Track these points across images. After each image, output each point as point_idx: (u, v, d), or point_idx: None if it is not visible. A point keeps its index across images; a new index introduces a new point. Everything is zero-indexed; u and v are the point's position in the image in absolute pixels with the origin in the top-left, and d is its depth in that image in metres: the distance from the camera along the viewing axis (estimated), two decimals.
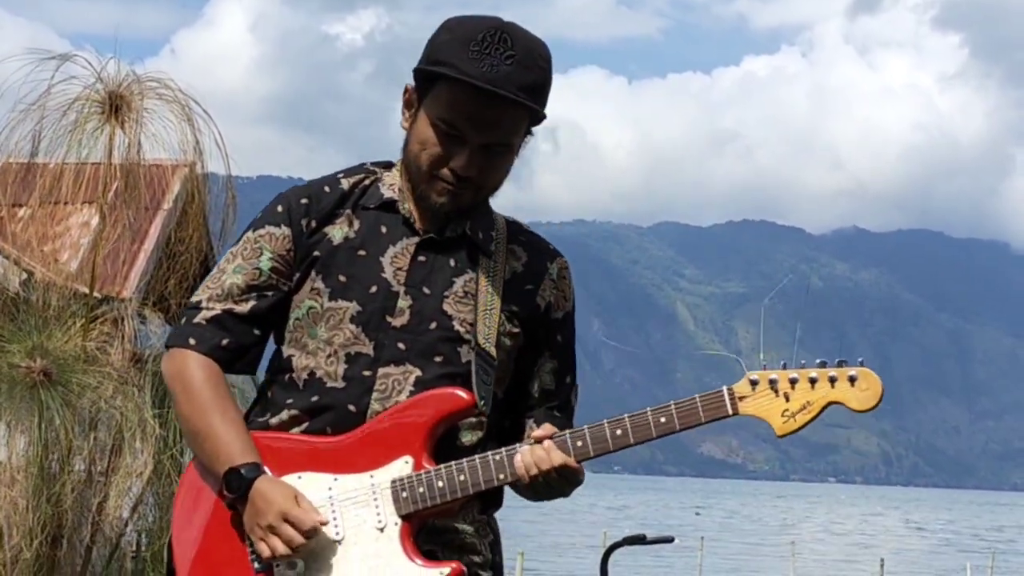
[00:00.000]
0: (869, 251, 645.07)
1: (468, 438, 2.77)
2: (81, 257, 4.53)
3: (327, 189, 2.86)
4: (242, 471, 2.65)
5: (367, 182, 2.88)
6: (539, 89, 2.73)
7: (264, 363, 2.98)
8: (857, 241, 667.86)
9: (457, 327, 2.79)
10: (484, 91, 2.65)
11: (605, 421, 2.70)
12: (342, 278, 2.78)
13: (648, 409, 2.67)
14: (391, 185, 2.86)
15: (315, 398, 2.75)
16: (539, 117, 2.80)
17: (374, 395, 2.75)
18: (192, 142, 5.40)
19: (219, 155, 5.56)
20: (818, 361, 2.66)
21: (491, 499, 2.85)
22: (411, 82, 2.82)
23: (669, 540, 6.55)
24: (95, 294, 5.04)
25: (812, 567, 33.82)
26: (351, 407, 2.74)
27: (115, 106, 5.33)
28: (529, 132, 2.85)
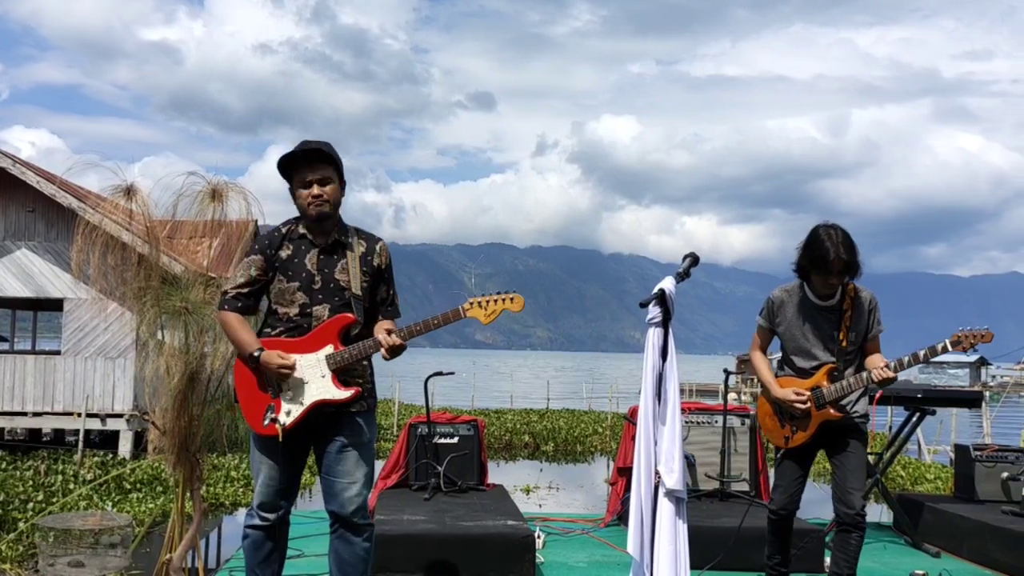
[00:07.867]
0: (544, 255, 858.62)
1: (355, 331, 2.89)
2: (206, 260, 5.15)
3: (275, 234, 2.93)
4: (255, 353, 2.83)
5: (292, 226, 2.94)
6: (331, 150, 2.80)
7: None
8: (539, 251, 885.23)
9: (343, 285, 2.86)
10: (304, 150, 2.79)
11: (413, 324, 2.82)
12: (290, 273, 2.86)
13: (431, 317, 2.82)
14: (302, 226, 2.94)
15: (290, 324, 2.88)
16: (340, 167, 2.81)
17: (313, 320, 2.86)
18: (247, 209, 5.51)
19: (260, 216, 5.62)
20: (495, 291, 2.88)
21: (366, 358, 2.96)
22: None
23: (452, 373, 7.07)
24: (211, 275, 5.22)
25: (520, 386, 31.71)
26: (304, 326, 2.86)
27: (215, 194, 5.48)
28: (343, 181, 2.82)
